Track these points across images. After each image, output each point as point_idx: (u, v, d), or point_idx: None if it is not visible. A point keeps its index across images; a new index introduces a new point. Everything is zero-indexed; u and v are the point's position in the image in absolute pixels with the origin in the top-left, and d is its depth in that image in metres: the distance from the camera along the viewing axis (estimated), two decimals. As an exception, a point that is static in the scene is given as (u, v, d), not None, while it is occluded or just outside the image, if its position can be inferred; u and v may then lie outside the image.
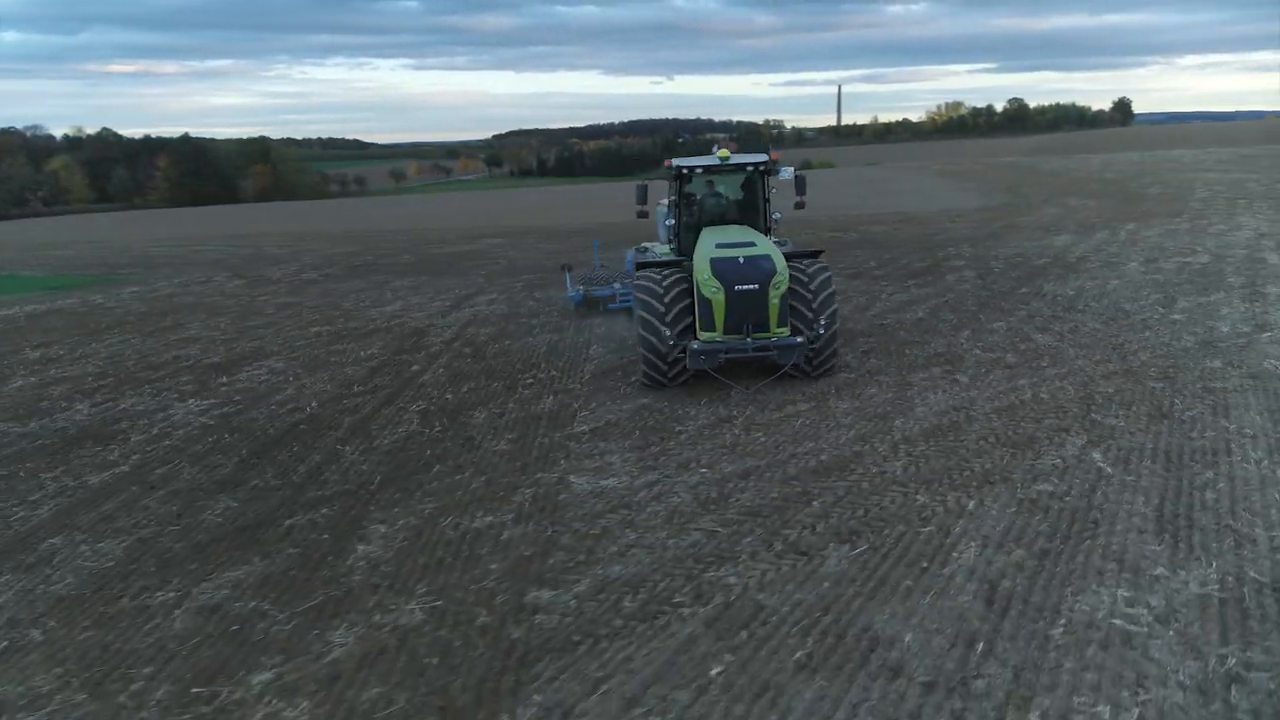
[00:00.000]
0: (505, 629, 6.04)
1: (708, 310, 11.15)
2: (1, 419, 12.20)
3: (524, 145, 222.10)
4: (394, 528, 7.93)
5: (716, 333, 11.14)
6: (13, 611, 6.77)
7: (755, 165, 12.89)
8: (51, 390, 13.66)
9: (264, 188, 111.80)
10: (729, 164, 12.79)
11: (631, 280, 13.33)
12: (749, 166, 12.95)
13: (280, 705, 5.32)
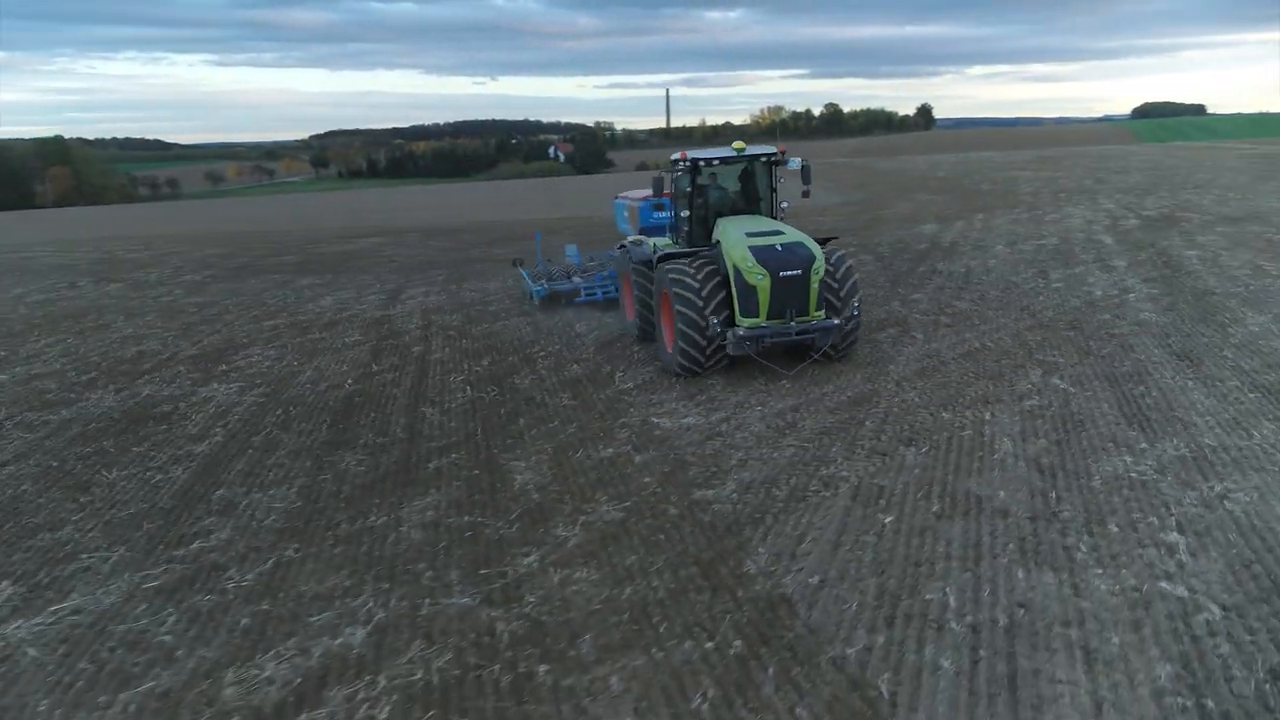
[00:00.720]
0: (695, 515, 7.77)
1: (751, 296, 11.41)
2: (23, 409, 12.54)
3: (348, 146, 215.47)
4: (531, 463, 9.40)
5: (760, 318, 11.45)
6: (248, 542, 7.87)
7: (767, 156, 13.21)
8: (42, 384, 13.93)
9: (64, 191, 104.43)
10: (745, 155, 13.03)
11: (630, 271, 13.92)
12: (762, 158, 13.23)
13: (566, 572, 6.86)
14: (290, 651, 5.88)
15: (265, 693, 5.46)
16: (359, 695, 5.37)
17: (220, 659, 5.89)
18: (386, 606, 6.42)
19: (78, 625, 6.48)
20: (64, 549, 7.82)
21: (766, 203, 13.70)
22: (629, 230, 17.01)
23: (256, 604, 6.63)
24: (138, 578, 7.20)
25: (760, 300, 11.37)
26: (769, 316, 11.44)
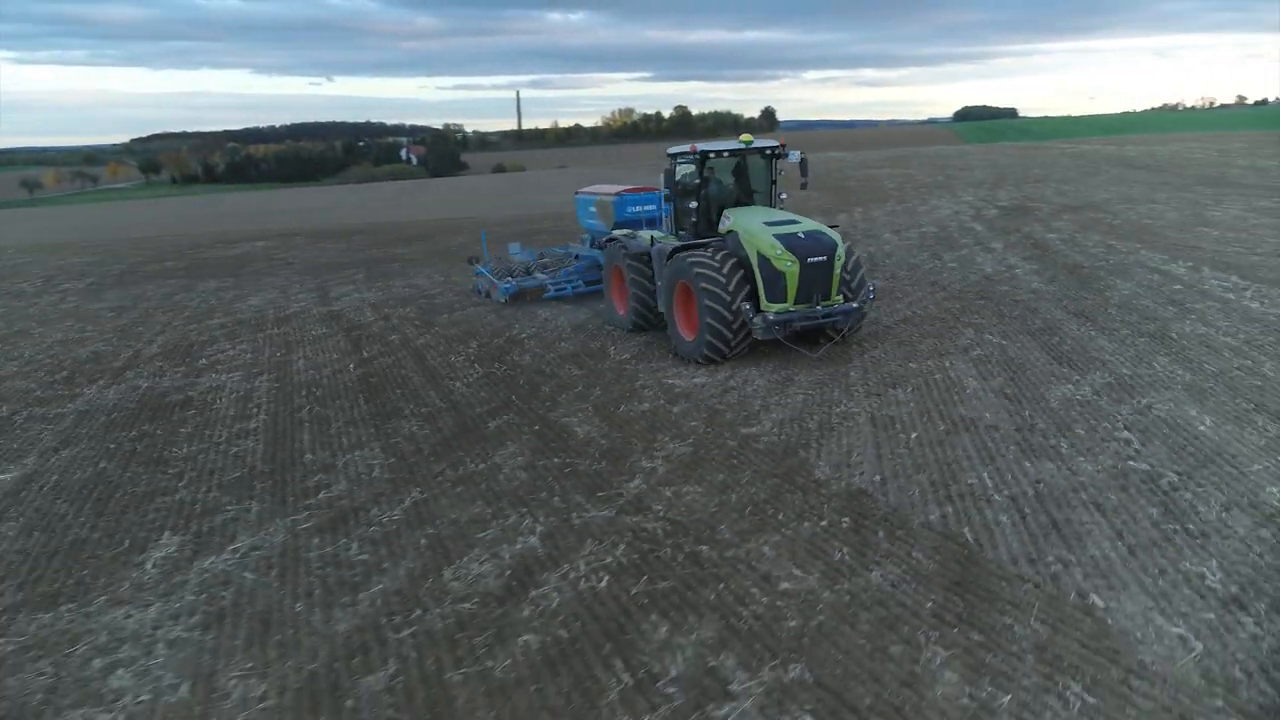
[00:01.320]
0: (751, 445, 9.43)
1: (779, 282, 11.91)
2: (23, 405, 12.96)
3: (175, 150, 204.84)
4: (581, 419, 10.79)
5: (788, 303, 11.99)
6: (369, 490, 8.99)
7: (771, 149, 13.60)
8: (19, 384, 14.24)
9: None
10: (751, 148, 13.48)
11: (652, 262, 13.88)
12: (766, 151, 13.61)
13: (674, 488, 8.38)
14: (483, 557, 7.16)
15: (485, 582, 6.75)
16: (569, 574, 6.75)
17: (424, 566, 7.11)
18: (541, 522, 7.77)
19: (268, 556, 7.51)
20: (195, 507, 8.70)
21: (765, 194, 14.06)
22: (598, 226, 17.69)
23: (421, 530, 7.83)
24: (288, 522, 8.22)
25: (788, 286, 11.87)
26: (796, 301, 11.98)
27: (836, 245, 12.13)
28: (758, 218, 12.69)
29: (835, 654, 5.45)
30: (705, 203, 13.52)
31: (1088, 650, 5.34)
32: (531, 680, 5.42)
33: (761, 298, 12.07)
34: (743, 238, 12.37)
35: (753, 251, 12.13)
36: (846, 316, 12.30)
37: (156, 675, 5.75)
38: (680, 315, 13.05)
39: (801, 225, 12.38)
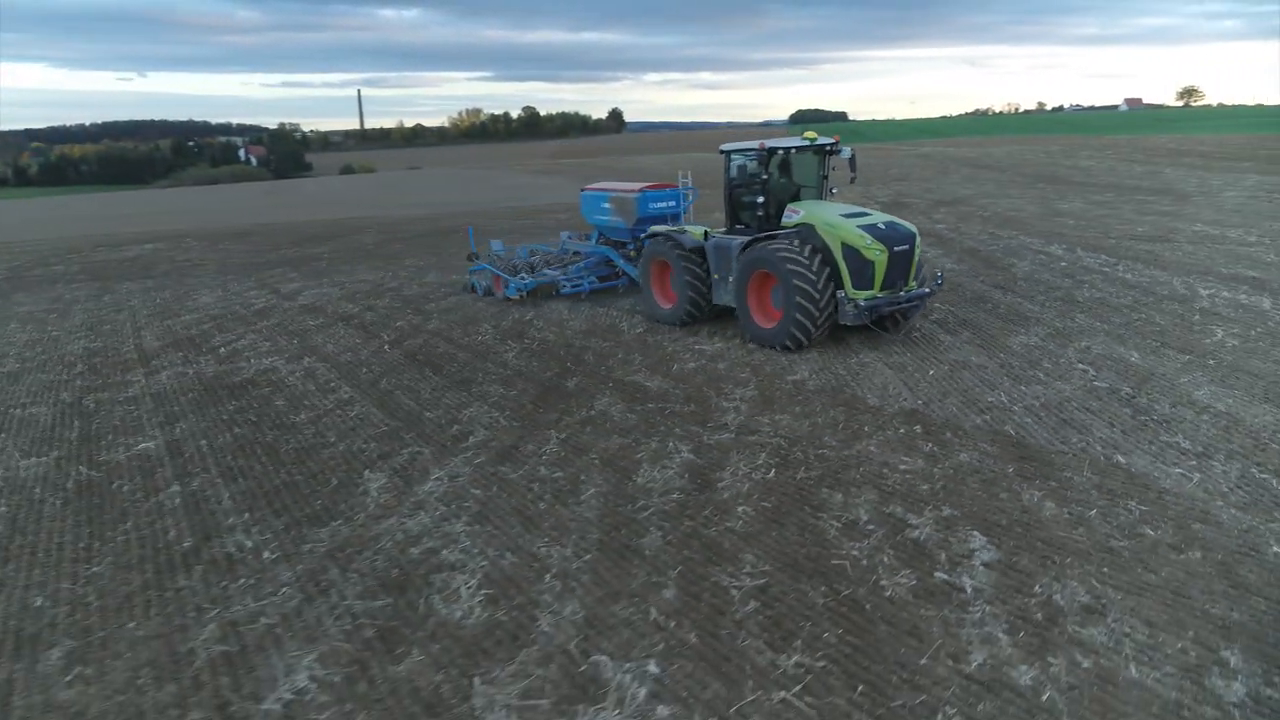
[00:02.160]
0: (806, 387, 11.85)
1: (866, 270, 12.59)
2: (97, 388, 13.93)
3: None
4: (643, 377, 12.85)
5: (874, 290, 12.70)
6: (522, 429, 10.88)
7: (829, 146, 14.09)
8: (75, 370, 15.08)
9: None
10: (815, 145, 14.04)
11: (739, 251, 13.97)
12: (826, 147, 14.12)
13: (771, 416, 10.71)
14: (654, 469, 9.19)
15: (674, 482, 8.80)
16: (737, 473, 8.93)
17: (614, 478, 9.08)
18: (681, 444, 9.88)
19: (474, 479, 9.29)
20: (367, 454, 10.27)
21: (815, 189, 14.61)
22: (611, 222, 18.01)
23: (584, 456, 9.74)
24: (462, 459, 9.94)
25: (875, 274, 12.58)
26: (882, 288, 12.73)
27: (915, 234, 13.05)
28: (830, 210, 13.30)
29: (965, 501, 7.93)
30: (769, 197, 14.03)
31: (1127, 484, 8.07)
32: (766, 530, 7.62)
33: (847, 285, 12.69)
34: (821, 229, 12.89)
35: (835, 242, 12.72)
36: (922, 300, 13.24)
37: (481, 551, 7.57)
38: (754, 304, 13.67)
39: (875, 216, 13.17)
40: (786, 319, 12.85)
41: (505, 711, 5.28)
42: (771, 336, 13.25)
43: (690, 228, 15.32)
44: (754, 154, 14.09)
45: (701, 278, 14.77)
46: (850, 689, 5.33)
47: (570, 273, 18.89)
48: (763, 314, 13.67)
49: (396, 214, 43.23)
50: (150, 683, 5.86)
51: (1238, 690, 5.14)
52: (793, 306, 12.67)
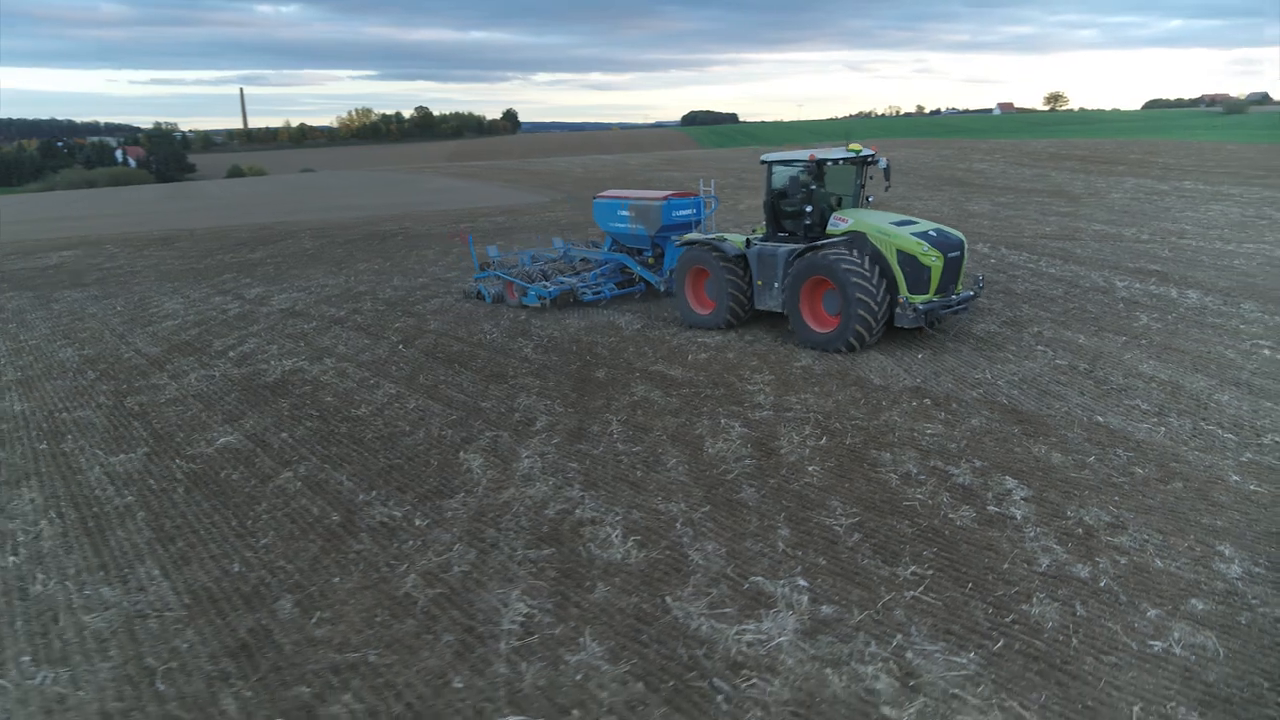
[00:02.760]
0: (816, 368, 13.71)
1: (923, 276, 13.36)
2: (125, 383, 14.68)
3: None
4: (665, 366, 14.42)
5: (929, 294, 13.49)
6: (575, 410, 12.31)
7: (871, 157, 14.78)
8: (88, 376, 15.73)
9: None
10: (860, 156, 14.69)
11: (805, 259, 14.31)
12: (868, 158, 14.79)
13: (799, 396, 12.51)
14: (718, 441, 10.79)
15: (742, 450, 10.39)
16: (794, 439, 10.60)
17: (688, 449, 10.67)
18: (730, 419, 11.50)
19: (601, 437, 10.74)
20: (467, 430, 11.57)
21: (854, 198, 15.24)
22: (631, 229, 18.59)
23: (649, 434, 11.23)
24: (553, 435, 11.39)
25: (932, 279, 13.37)
26: (936, 292, 13.49)
27: (963, 241, 13.90)
28: (879, 219, 14.03)
29: (988, 454, 9.75)
30: (815, 206, 14.66)
31: (1111, 438, 10.10)
32: (839, 483, 9.31)
33: (903, 290, 13.46)
34: (874, 237, 13.64)
35: (890, 250, 13.48)
36: (968, 302, 14.16)
37: (609, 509, 9.00)
38: (806, 310, 14.29)
39: (923, 224, 13.99)
40: (846, 323, 13.38)
41: (704, 618, 6.79)
42: (827, 340, 13.79)
43: (733, 236, 15.89)
44: (803, 165, 14.56)
45: (743, 284, 15.33)
46: (960, 586, 7.07)
47: (588, 279, 19.11)
48: (815, 319, 14.21)
49: (322, 218, 43.36)
50: (388, 619, 7.12)
51: (1235, 569, 7.11)
52: (853, 311, 13.22)
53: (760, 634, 6.48)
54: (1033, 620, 6.48)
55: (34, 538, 8.92)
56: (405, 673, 6.32)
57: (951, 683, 5.80)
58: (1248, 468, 9.02)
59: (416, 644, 6.68)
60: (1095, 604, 6.66)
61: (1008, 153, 55.27)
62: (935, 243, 13.54)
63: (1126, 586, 6.90)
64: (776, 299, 14.95)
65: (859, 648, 6.26)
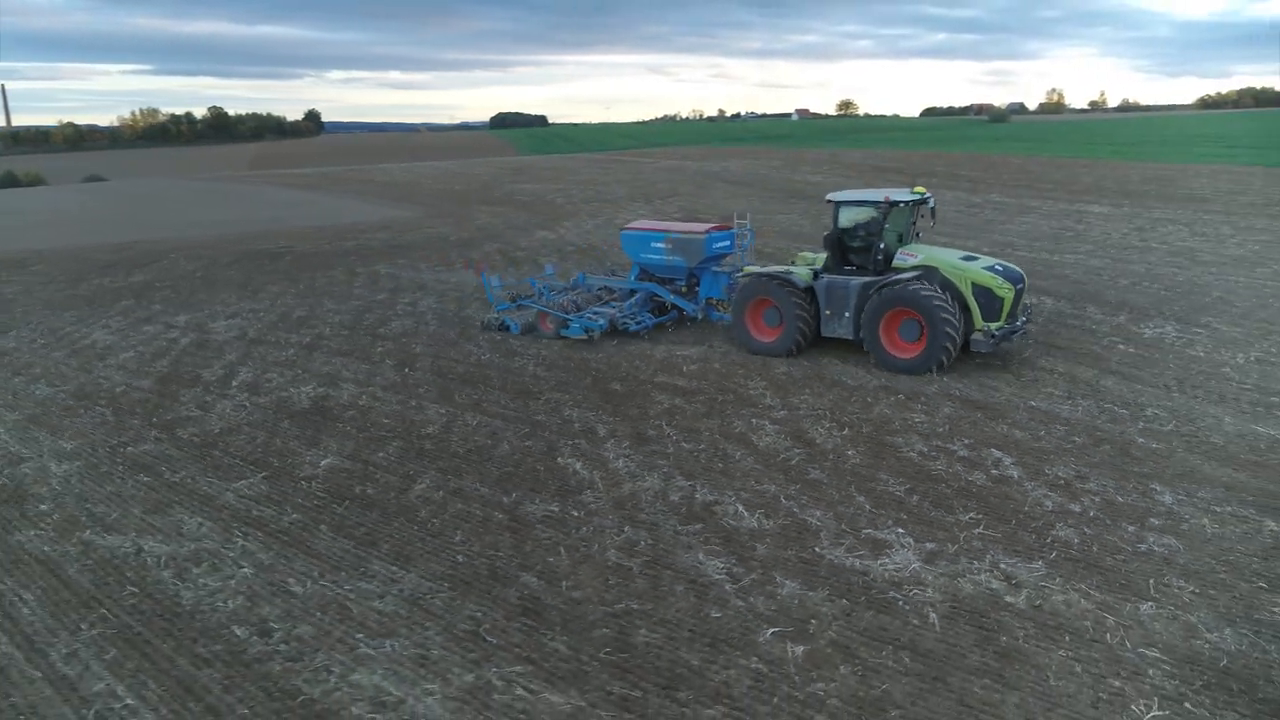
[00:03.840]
0: (794, 372, 16.99)
1: (995, 305, 15.08)
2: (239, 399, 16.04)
3: None
4: (671, 380, 17.36)
5: (1000, 321, 15.17)
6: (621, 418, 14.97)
7: (927, 198, 16.34)
8: (112, 417, 16.87)
9: None
10: (922, 198, 16.36)
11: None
12: (925, 200, 16.36)
13: (800, 398, 15.73)
14: (763, 438, 13.81)
15: (785, 442, 13.53)
16: (829, 432, 13.69)
17: (738, 431, 13.64)
18: (760, 420, 14.52)
19: (708, 437, 13.41)
20: (565, 438, 13.95)
21: (907, 235, 16.81)
22: (668, 261, 19.64)
23: (711, 431, 14.19)
24: (650, 448, 13.99)
25: (1004, 308, 15.07)
26: (1006, 320, 15.21)
27: (1024, 275, 15.99)
28: (946, 254, 15.91)
29: (971, 434, 13.17)
30: (885, 243, 16.17)
31: (1046, 418, 13.92)
32: (877, 462, 12.52)
33: (977, 319, 15.13)
34: (947, 271, 15.37)
35: (964, 283, 15.17)
36: (1024, 327, 16.16)
37: (721, 490, 11.77)
38: (886, 336, 15.82)
39: (985, 260, 15.79)
40: (931, 349, 15.12)
41: (850, 558, 9.75)
42: (910, 365, 15.48)
43: (799, 269, 17.22)
44: (876, 205, 16.13)
45: (810, 314, 16.75)
46: (1005, 524, 10.43)
47: (625, 309, 19.67)
48: (894, 346, 15.77)
49: (176, 236, 42.63)
50: (621, 582, 9.58)
51: (1168, 498, 10.89)
52: (939, 339, 14.93)
53: (897, 564, 9.53)
54: (1063, 540, 9.91)
55: (262, 569, 10.61)
56: (668, 612, 8.90)
57: (1037, 580, 9.11)
58: (1145, 432, 12.99)
59: (660, 594, 9.24)
60: (1092, 528, 10.17)
61: (832, 165, 61.28)
62: (1006, 276, 15.24)
63: (1106, 515, 10.49)
64: (846, 327, 16.46)
65: (966, 566, 9.44)
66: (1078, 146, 68.06)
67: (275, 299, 26.66)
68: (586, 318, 19.25)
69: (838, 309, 16.62)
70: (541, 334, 19.81)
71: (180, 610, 9.39)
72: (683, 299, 20.17)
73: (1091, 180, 45.45)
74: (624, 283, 20.97)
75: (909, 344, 15.64)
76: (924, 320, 15.14)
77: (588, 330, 18.97)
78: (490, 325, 20.84)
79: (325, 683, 8.00)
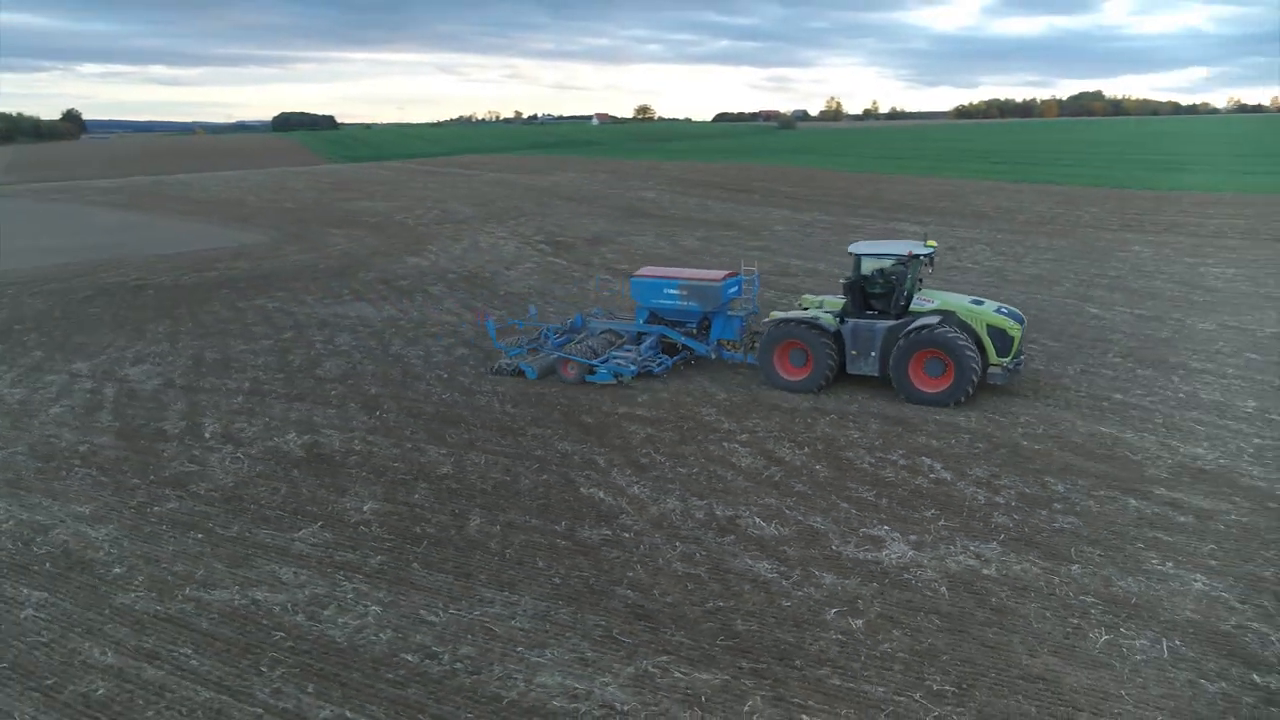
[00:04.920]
0: (741, 399, 20.23)
1: (1006, 342, 17.53)
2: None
3: None
4: (645, 413, 20.11)
5: (1009, 358, 17.65)
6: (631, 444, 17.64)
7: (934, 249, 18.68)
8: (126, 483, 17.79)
9: None
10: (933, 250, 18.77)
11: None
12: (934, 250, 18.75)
13: (757, 425, 18.95)
14: (795, 451, 16.97)
15: (809, 452, 16.72)
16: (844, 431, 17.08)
17: (739, 455, 16.65)
18: (727, 435, 17.60)
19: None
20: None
21: (916, 282, 18.93)
22: (684, 305, 21.00)
23: (713, 448, 17.07)
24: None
25: (1014, 345, 17.55)
26: (1013, 356, 17.66)
27: (1024, 317, 18.68)
28: (959, 299, 18.46)
29: (901, 445, 16.87)
30: (905, 290, 18.44)
31: (954, 425, 17.93)
32: (840, 471, 15.96)
33: (992, 355, 17.61)
34: (963, 314, 17.76)
35: (980, 324, 17.55)
36: (1023, 359, 18.66)
37: (786, 516, 14.72)
38: (915, 372, 18.01)
39: (991, 303, 18.49)
40: (958, 384, 17.50)
41: (860, 551, 12.96)
42: (937, 399, 17.77)
43: (823, 314, 19.34)
44: (899, 258, 18.51)
45: (836, 354, 18.81)
46: (960, 517, 14.01)
47: (644, 353, 20.87)
48: (920, 381, 17.98)
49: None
50: (707, 578, 12.41)
51: (1080, 483, 14.97)
52: (964, 376, 17.28)
53: (897, 554, 12.74)
54: (1002, 525, 13.56)
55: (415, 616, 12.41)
56: (749, 605, 11.66)
57: (998, 556, 12.66)
58: (1027, 436, 17.10)
59: (734, 592, 11.96)
60: (1018, 514, 13.82)
61: (659, 179, 65.30)
62: (1011, 317, 17.86)
63: (1023, 503, 14.25)
64: (872, 365, 18.66)
65: (946, 551, 12.75)
66: (876, 161, 76.22)
67: (172, 340, 26.62)
68: (615, 363, 20.26)
69: (864, 350, 18.69)
70: (563, 379, 20.63)
71: (341, 646, 11.09)
72: (693, 340, 21.45)
73: (896, 196, 51.98)
74: (634, 326, 22.10)
75: (934, 379, 17.81)
76: (950, 359, 17.29)
77: (617, 375, 19.97)
78: (503, 371, 21.48)
79: (517, 687, 10.16)
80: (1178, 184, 53.64)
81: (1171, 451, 15.83)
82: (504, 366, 21.64)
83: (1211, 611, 11.00)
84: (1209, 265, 32.63)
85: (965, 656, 10.33)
